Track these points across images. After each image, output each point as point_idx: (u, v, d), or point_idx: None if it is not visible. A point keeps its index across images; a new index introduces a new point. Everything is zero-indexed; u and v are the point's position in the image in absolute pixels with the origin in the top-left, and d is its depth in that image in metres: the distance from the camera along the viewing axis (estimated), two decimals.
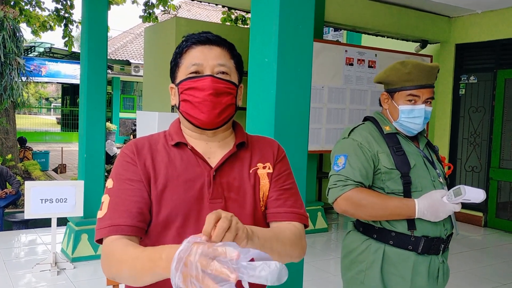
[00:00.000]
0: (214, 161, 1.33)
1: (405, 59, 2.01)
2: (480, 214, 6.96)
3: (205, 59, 1.29)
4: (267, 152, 1.40)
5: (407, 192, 1.87)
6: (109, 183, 1.29)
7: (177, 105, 1.35)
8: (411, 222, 1.86)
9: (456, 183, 7.24)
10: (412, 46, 7.60)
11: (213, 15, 22.77)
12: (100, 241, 1.25)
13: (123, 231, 1.21)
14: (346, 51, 5.86)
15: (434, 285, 1.91)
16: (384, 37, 7.38)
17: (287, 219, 1.34)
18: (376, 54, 6.09)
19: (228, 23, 10.21)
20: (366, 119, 2.09)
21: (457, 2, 6.40)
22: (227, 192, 1.30)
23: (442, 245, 1.91)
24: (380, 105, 2.08)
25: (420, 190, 1.88)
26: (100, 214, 1.26)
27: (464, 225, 6.93)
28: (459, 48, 7.34)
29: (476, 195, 1.78)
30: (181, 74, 1.32)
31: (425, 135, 2.09)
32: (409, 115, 1.93)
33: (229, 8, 9.19)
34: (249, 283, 0.96)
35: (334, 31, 9.63)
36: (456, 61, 7.36)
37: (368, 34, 7.40)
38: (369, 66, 6.00)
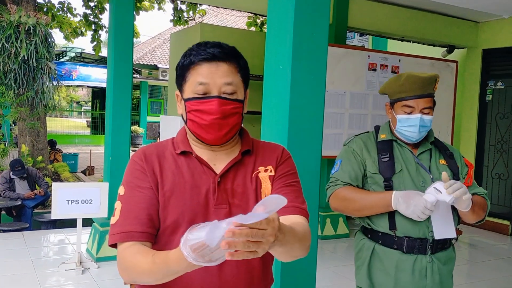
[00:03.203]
0: (219, 168, 1.35)
1: (403, 72, 2.14)
2: (507, 222, 6.81)
3: (212, 78, 1.29)
4: (270, 156, 1.41)
5: None
6: (121, 190, 1.35)
7: (183, 118, 1.38)
8: (391, 221, 2.01)
9: None
10: (438, 51, 7.51)
11: (240, 20, 22.93)
12: (113, 245, 1.31)
13: (134, 237, 1.26)
14: (369, 56, 5.83)
15: (422, 282, 2.02)
16: (410, 42, 7.33)
17: (288, 213, 1.31)
18: (399, 60, 6.05)
19: (253, 28, 10.30)
20: (375, 128, 2.26)
21: (484, 7, 6.31)
22: (231, 198, 1.33)
23: (430, 246, 2.01)
24: None
25: None
26: (113, 220, 1.32)
27: (490, 234, 6.80)
28: (486, 54, 7.23)
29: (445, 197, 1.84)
30: (188, 90, 1.32)
31: (431, 141, 2.16)
32: (405, 124, 2.06)
33: (255, 14, 9.28)
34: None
35: (360, 36, 9.59)
36: (483, 67, 7.25)
37: (393, 39, 7.35)
38: (393, 72, 5.95)
